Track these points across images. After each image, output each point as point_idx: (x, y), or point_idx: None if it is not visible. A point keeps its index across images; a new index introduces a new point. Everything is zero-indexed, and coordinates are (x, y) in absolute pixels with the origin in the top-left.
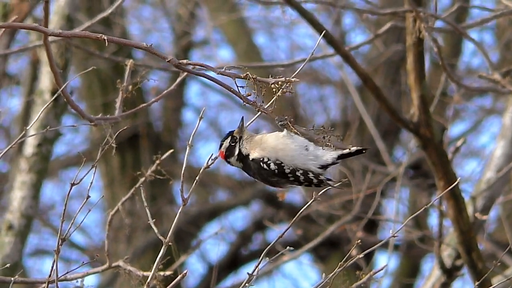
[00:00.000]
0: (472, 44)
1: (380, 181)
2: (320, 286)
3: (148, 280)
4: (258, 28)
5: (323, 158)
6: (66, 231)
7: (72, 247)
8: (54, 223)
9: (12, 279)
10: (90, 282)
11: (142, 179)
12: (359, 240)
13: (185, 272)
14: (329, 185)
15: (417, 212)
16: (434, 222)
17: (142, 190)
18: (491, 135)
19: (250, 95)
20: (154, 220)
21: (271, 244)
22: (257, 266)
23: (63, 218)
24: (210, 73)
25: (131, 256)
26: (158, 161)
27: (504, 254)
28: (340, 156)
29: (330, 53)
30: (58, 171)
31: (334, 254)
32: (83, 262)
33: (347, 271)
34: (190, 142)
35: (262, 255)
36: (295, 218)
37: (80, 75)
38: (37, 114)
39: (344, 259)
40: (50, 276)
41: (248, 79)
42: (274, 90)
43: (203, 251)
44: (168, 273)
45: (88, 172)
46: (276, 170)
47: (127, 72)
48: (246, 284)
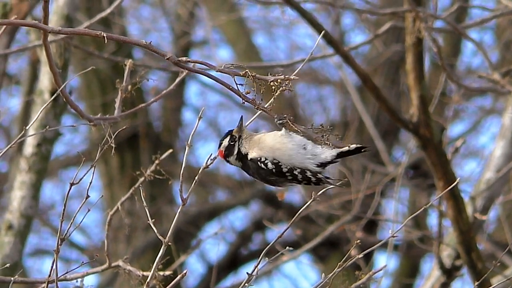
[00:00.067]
0: (472, 44)
1: (380, 181)
2: (319, 286)
3: (148, 280)
4: (257, 28)
5: (322, 156)
6: (66, 231)
7: (72, 247)
8: (54, 223)
9: (12, 279)
10: (90, 282)
11: (142, 179)
12: (359, 240)
13: (184, 272)
14: (328, 183)
15: (416, 212)
16: (433, 222)
17: (142, 190)
18: (490, 135)
19: (249, 93)
20: (153, 220)
21: (270, 244)
22: (256, 266)
23: (62, 218)
24: (210, 71)
25: (130, 256)
26: (157, 161)
27: (504, 254)
28: (339, 154)
29: (329, 53)
30: (57, 171)
31: (334, 254)
32: (83, 262)
33: (347, 271)
34: (189, 142)
35: (262, 255)
36: (295, 218)
37: (79, 75)
38: (36, 114)
39: (343, 259)
40: (49, 276)
41: (248, 77)
42: (273, 88)
43: (202, 251)
44: (167, 273)
45: (88, 172)
46: (273, 170)
47: (126, 72)
48: (246, 284)
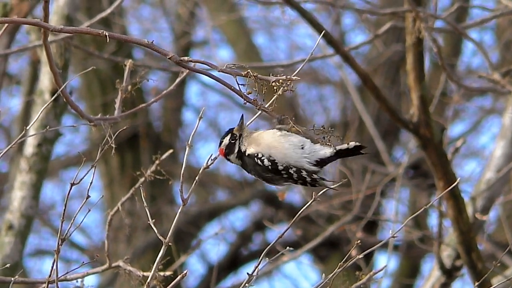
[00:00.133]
0: (472, 44)
1: (380, 181)
2: (320, 286)
3: (148, 280)
4: (257, 28)
5: (321, 152)
6: (66, 231)
7: (72, 247)
8: (54, 223)
9: (12, 279)
10: (90, 282)
11: (142, 179)
12: (359, 241)
13: (185, 272)
14: (324, 185)
15: (416, 213)
16: (434, 222)
17: (142, 190)
18: (491, 135)
19: (250, 93)
20: (154, 220)
21: (271, 244)
22: (257, 267)
23: (63, 218)
24: (211, 71)
25: (131, 256)
26: (157, 161)
27: (504, 254)
28: (338, 152)
29: (329, 53)
30: (58, 171)
31: (334, 255)
32: (83, 262)
33: (347, 271)
34: (189, 142)
35: (262, 255)
36: (295, 219)
37: (79, 75)
38: (37, 114)
39: (344, 259)
40: (50, 276)
41: (249, 77)
42: (275, 88)
43: (203, 251)
44: (168, 273)
45: (88, 172)
46: (269, 167)
47: (126, 73)
48: (246, 284)
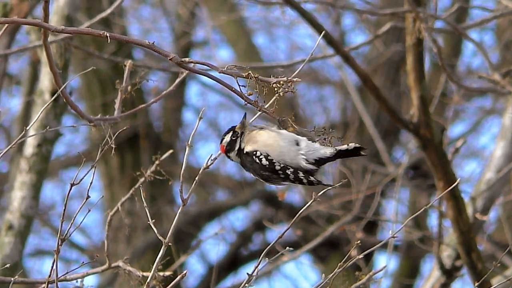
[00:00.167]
0: (472, 44)
1: (380, 181)
2: (320, 286)
3: (148, 280)
4: (257, 28)
5: (321, 151)
6: (66, 231)
7: (72, 247)
8: (54, 223)
9: (12, 279)
10: (90, 282)
11: (142, 179)
12: (359, 241)
13: (184, 272)
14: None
15: (416, 213)
16: (433, 222)
17: (142, 190)
18: (491, 136)
19: (251, 94)
20: (153, 220)
21: (270, 244)
22: (256, 267)
23: (63, 218)
24: (212, 72)
25: (130, 256)
26: (157, 161)
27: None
28: (338, 153)
29: (329, 53)
30: (58, 171)
31: (334, 255)
32: (83, 262)
33: (347, 271)
34: (189, 143)
35: (262, 255)
36: (295, 219)
37: (79, 76)
38: (37, 114)
39: (344, 259)
40: (50, 276)
41: (250, 78)
42: (275, 89)
43: (203, 251)
44: (167, 273)
45: (88, 172)
46: (267, 165)
47: (126, 73)
48: (246, 284)
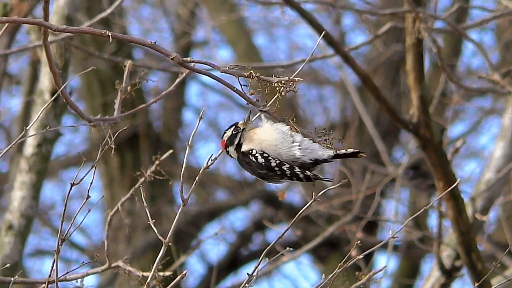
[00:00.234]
0: (472, 44)
1: (380, 181)
2: (320, 286)
3: (148, 280)
4: (257, 29)
5: (319, 152)
6: (66, 231)
7: (72, 247)
8: (54, 223)
9: (12, 279)
10: (90, 282)
11: (142, 179)
12: (359, 241)
13: (184, 272)
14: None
15: (416, 213)
16: (433, 222)
17: (142, 190)
18: (490, 136)
19: (253, 94)
20: (153, 220)
21: (271, 245)
22: (256, 267)
23: (63, 218)
24: (213, 71)
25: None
26: (157, 161)
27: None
28: (336, 155)
29: (329, 53)
30: (58, 171)
31: (334, 255)
32: (83, 262)
33: (347, 271)
34: (190, 143)
35: (262, 255)
36: (295, 219)
37: (79, 75)
38: (37, 114)
39: (344, 260)
40: (50, 276)
41: (252, 77)
42: (277, 89)
43: (203, 252)
44: (167, 273)
45: (88, 172)
46: (263, 163)
47: (126, 73)
48: (246, 284)
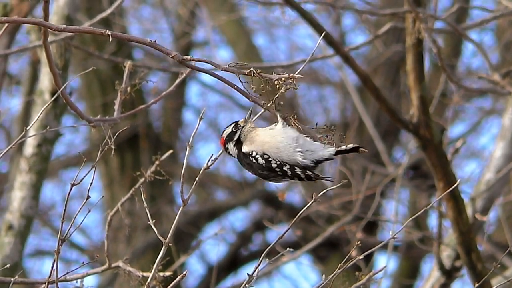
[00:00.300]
0: (472, 45)
1: (380, 182)
2: (320, 287)
3: (148, 280)
4: (257, 29)
5: (320, 153)
6: (66, 231)
7: (72, 248)
8: (54, 223)
9: (12, 279)
10: (90, 282)
11: (142, 179)
12: (359, 241)
13: (184, 272)
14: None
15: (416, 214)
16: (433, 223)
17: (142, 191)
18: (490, 136)
19: (254, 92)
20: (153, 220)
21: (271, 245)
22: (257, 267)
23: (63, 218)
24: (213, 70)
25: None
26: (157, 161)
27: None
28: (337, 152)
29: (330, 53)
30: (58, 172)
31: (334, 255)
32: (83, 262)
33: (347, 272)
34: (190, 143)
35: (262, 256)
36: (295, 219)
37: (79, 76)
38: (37, 114)
39: (344, 260)
40: (50, 276)
41: (253, 75)
42: (277, 86)
43: (203, 252)
44: (167, 273)
45: (88, 172)
46: (264, 164)
47: (125, 74)
48: (246, 285)
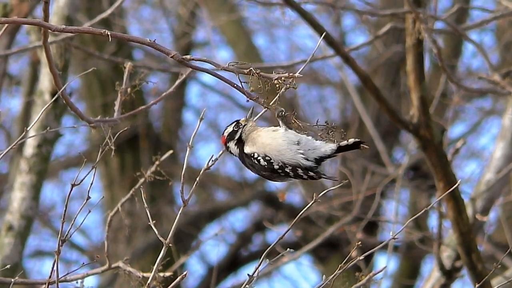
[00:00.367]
0: (472, 45)
1: (380, 182)
2: (320, 287)
3: (148, 281)
4: (257, 29)
5: (322, 150)
6: (66, 232)
7: (72, 248)
8: (54, 224)
9: (12, 280)
10: (90, 283)
11: (142, 180)
12: (359, 242)
13: (185, 273)
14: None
15: (417, 214)
16: (434, 223)
17: (142, 191)
18: (490, 137)
19: (253, 91)
20: (154, 221)
21: (271, 246)
22: (257, 268)
23: (63, 219)
24: (213, 69)
25: (130, 257)
26: (157, 162)
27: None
28: (338, 148)
29: (330, 54)
30: (58, 172)
31: (334, 255)
32: (83, 263)
33: (347, 272)
34: (190, 143)
35: (262, 256)
36: (296, 220)
37: (79, 76)
38: (37, 115)
39: (344, 260)
40: (50, 277)
41: (252, 74)
42: (277, 86)
43: (203, 252)
44: (168, 274)
45: (88, 173)
46: (266, 166)
47: (125, 75)
48: (246, 285)
